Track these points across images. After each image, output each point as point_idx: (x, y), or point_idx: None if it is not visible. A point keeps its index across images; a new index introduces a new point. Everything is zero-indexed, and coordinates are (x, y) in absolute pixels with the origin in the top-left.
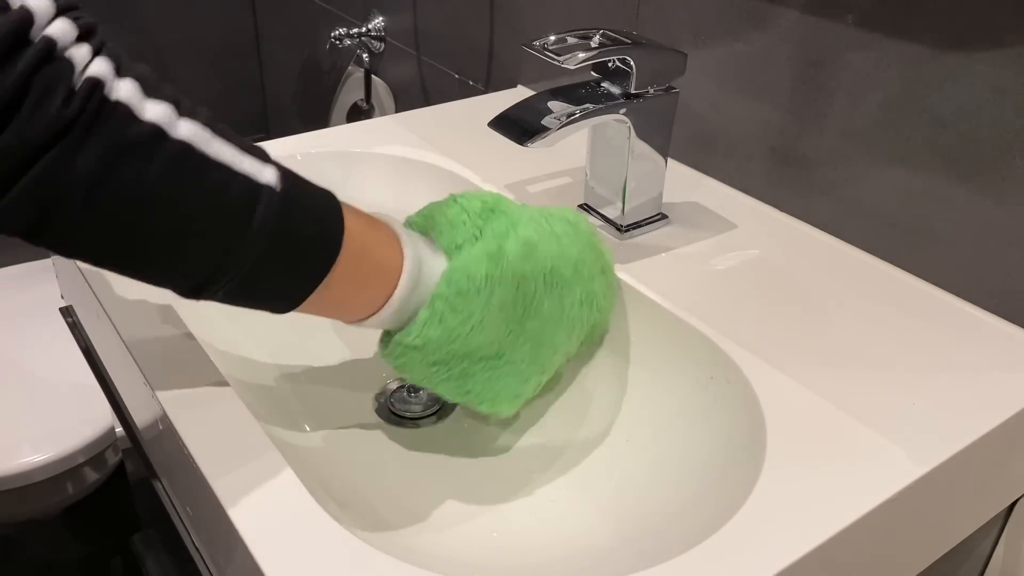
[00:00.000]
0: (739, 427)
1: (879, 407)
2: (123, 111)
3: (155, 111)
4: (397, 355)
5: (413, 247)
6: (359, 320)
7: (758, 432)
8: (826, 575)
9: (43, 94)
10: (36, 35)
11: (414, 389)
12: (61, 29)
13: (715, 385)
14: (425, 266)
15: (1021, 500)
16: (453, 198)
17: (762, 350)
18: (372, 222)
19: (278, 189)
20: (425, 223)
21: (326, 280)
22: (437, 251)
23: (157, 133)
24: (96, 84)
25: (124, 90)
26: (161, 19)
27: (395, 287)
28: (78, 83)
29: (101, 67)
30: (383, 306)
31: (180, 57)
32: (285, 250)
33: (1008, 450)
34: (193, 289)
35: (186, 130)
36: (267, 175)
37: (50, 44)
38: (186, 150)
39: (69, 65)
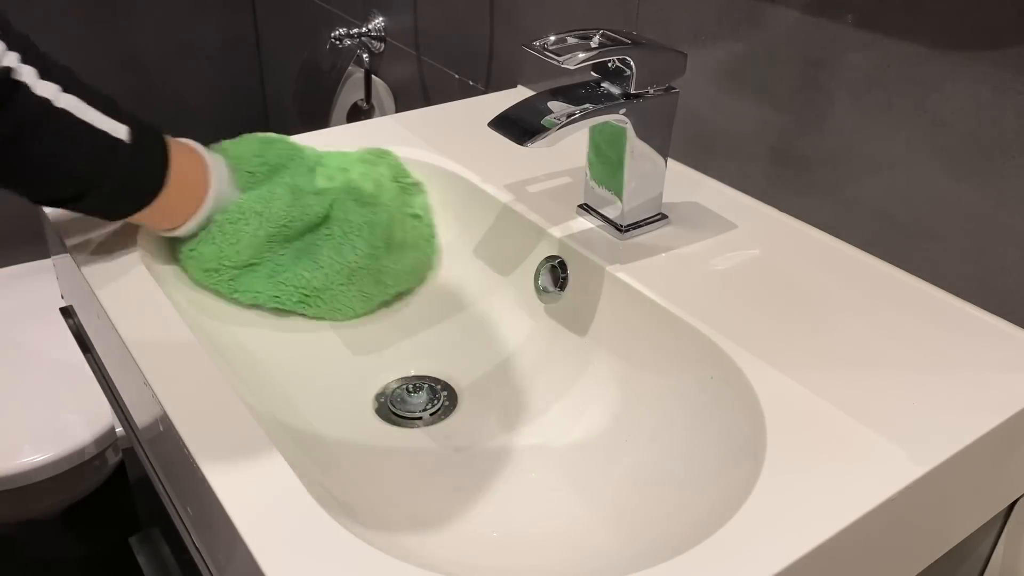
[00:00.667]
0: (739, 427)
1: (879, 407)
2: (24, 90)
3: (45, 88)
4: (182, 258)
5: (217, 179)
6: (168, 230)
7: (758, 432)
8: (826, 575)
9: None
10: None
11: (414, 389)
12: None
13: (715, 385)
14: (223, 195)
15: (1021, 500)
16: (264, 141)
17: (762, 350)
18: (191, 157)
19: (128, 141)
20: (235, 151)
21: (153, 203)
22: (233, 182)
23: (46, 104)
24: (8, 71)
25: (26, 74)
26: (161, 19)
27: (197, 208)
28: None
29: (12, 60)
30: (185, 223)
31: (180, 57)
32: (128, 183)
33: (1008, 450)
34: (63, 202)
35: (65, 101)
36: (121, 131)
37: None
38: (66, 115)
39: None
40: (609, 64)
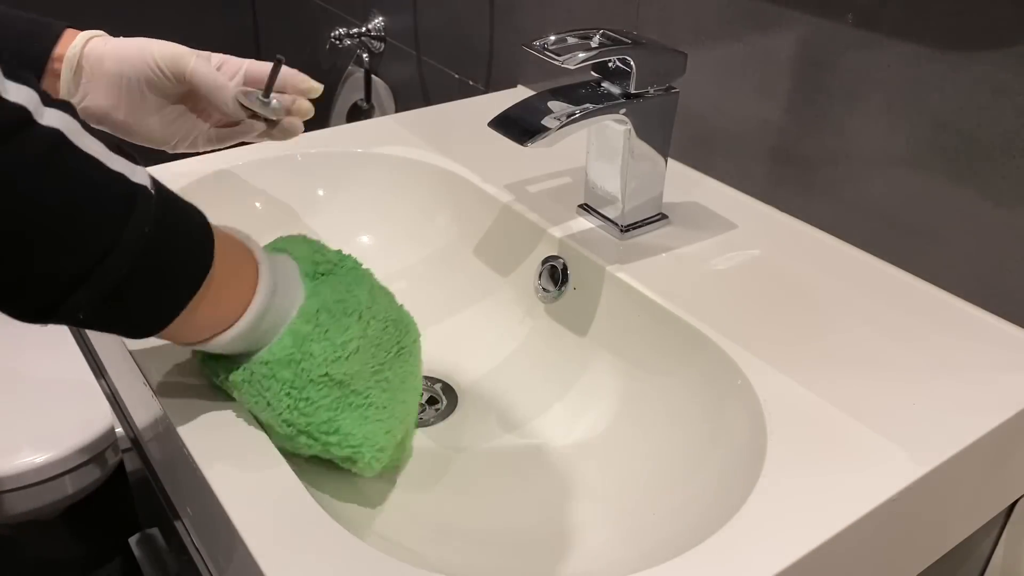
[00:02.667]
0: (739, 427)
1: (879, 407)
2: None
3: (19, 93)
4: (260, 378)
5: (268, 261)
6: (200, 342)
7: (758, 432)
8: (826, 575)
9: None
10: None
11: None
12: None
13: (715, 385)
14: (281, 283)
15: (1021, 500)
16: (305, 239)
17: (762, 350)
18: (229, 233)
19: (152, 191)
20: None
21: (196, 296)
22: (292, 273)
23: (24, 117)
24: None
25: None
26: (161, 19)
27: (249, 302)
28: None
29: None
30: (234, 323)
31: None
32: (160, 258)
33: (1008, 450)
34: (46, 307)
35: (55, 118)
36: (139, 175)
37: None
38: (57, 139)
39: None
40: (609, 64)
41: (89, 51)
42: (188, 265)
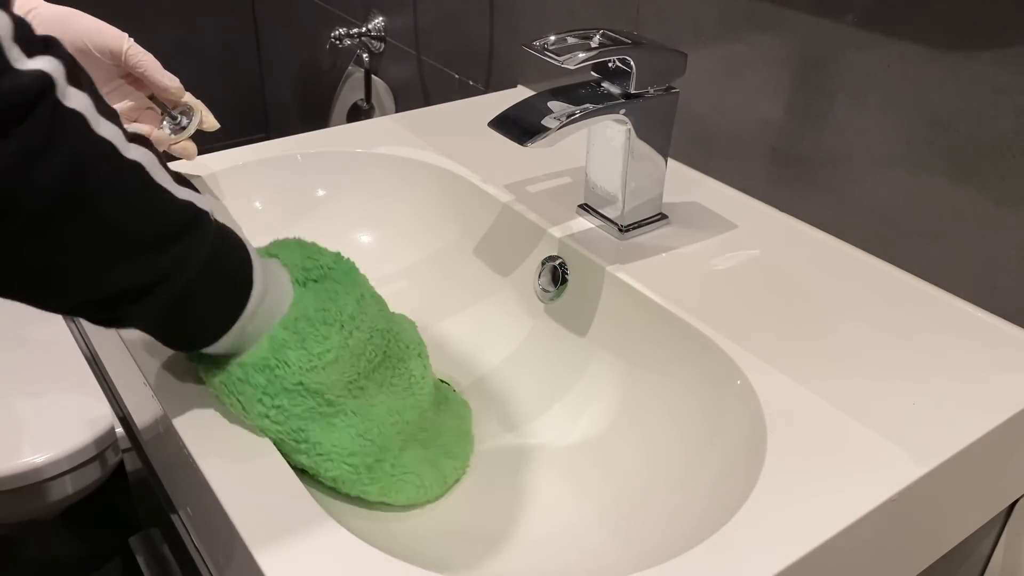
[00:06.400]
0: (739, 427)
1: (879, 407)
2: (80, 121)
3: (108, 129)
4: (235, 380)
5: (261, 266)
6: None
7: (758, 432)
8: (826, 575)
9: None
10: None
11: None
12: None
13: (715, 385)
14: (271, 289)
15: (1021, 500)
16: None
17: (762, 350)
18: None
19: (213, 217)
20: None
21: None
22: (282, 279)
23: (112, 151)
24: (46, 81)
25: (78, 100)
26: (161, 18)
27: (246, 304)
28: (19, 65)
29: (50, 64)
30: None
31: (180, 56)
32: (218, 275)
33: (1008, 450)
34: (116, 315)
35: (137, 153)
36: (205, 204)
37: None
38: (139, 172)
39: None
40: (609, 64)
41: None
42: (239, 283)
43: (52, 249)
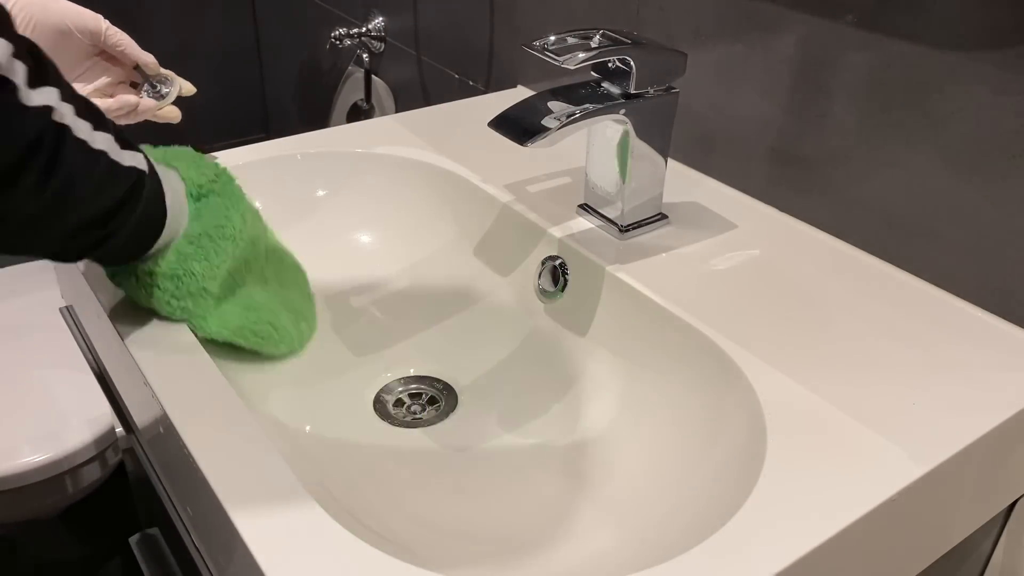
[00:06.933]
0: (739, 427)
1: (879, 407)
2: (70, 136)
3: (83, 129)
4: (144, 284)
5: (168, 183)
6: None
7: (758, 432)
8: (826, 575)
9: None
10: None
11: (414, 389)
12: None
13: (715, 385)
14: (176, 203)
15: (1021, 500)
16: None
17: (762, 350)
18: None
19: (147, 171)
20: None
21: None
22: (181, 193)
23: (86, 150)
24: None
25: (66, 116)
26: (161, 18)
27: (161, 231)
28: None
29: (50, 95)
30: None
31: (180, 57)
32: (143, 218)
33: (1008, 450)
34: (82, 252)
35: (101, 142)
36: (142, 162)
37: None
38: (106, 161)
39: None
40: (609, 64)
41: None
42: (158, 216)
43: (31, 230)
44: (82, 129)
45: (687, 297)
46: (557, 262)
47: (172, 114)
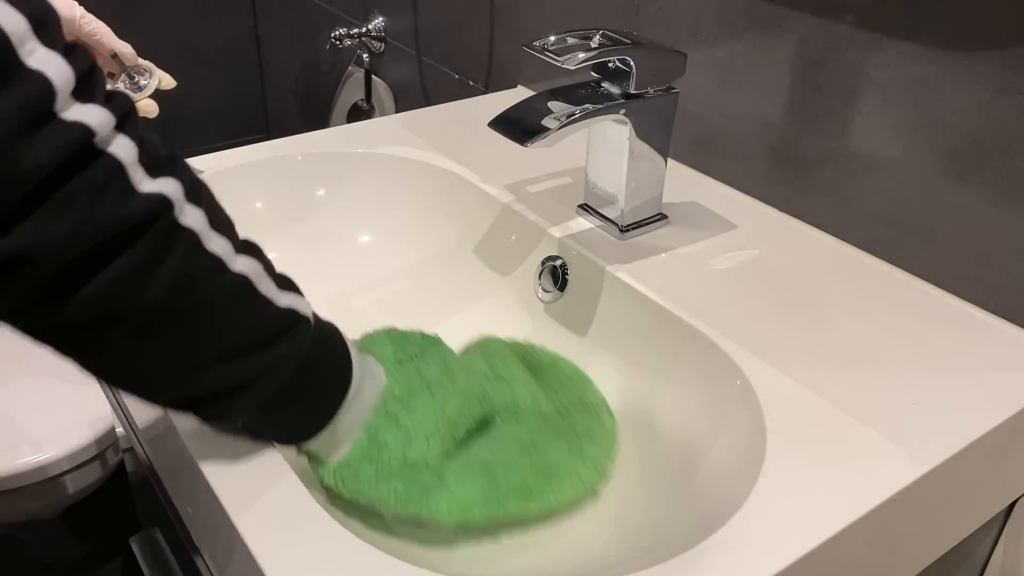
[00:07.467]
0: (739, 427)
1: (879, 407)
2: (192, 239)
3: (219, 244)
4: (345, 478)
5: (359, 360)
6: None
7: (758, 432)
8: (826, 575)
9: (94, 186)
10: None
11: None
12: (98, 117)
13: (715, 385)
14: (368, 379)
15: (1021, 500)
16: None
17: (762, 350)
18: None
19: (312, 320)
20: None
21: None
22: (378, 370)
23: (219, 265)
24: (165, 202)
25: (193, 218)
26: (161, 18)
27: (342, 402)
28: (139, 186)
29: (170, 186)
30: (330, 421)
31: (180, 57)
32: (314, 376)
33: (1008, 450)
34: (213, 411)
35: (244, 265)
36: (306, 308)
37: (87, 132)
38: (243, 285)
39: (115, 162)
40: (609, 64)
41: None
42: (335, 383)
43: (151, 351)
44: (216, 244)
45: (687, 297)
46: (557, 262)
47: (150, 108)
